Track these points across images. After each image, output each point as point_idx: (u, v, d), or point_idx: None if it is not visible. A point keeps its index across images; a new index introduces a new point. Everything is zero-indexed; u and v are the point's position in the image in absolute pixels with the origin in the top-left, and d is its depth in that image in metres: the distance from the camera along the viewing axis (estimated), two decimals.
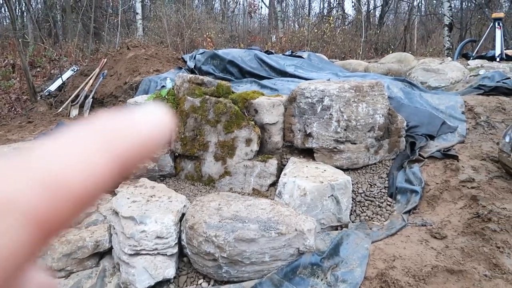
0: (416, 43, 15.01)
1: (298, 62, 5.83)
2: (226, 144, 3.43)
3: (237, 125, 3.40)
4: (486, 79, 5.19)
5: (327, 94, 3.17)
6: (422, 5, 18.01)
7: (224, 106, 3.44)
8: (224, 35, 14.68)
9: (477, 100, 4.48)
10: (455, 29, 11.96)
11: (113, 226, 2.42)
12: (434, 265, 2.08)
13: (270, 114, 3.43)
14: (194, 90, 3.67)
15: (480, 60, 6.63)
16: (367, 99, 3.25)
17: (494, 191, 2.77)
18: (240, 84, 5.13)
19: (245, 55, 5.70)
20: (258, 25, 22.42)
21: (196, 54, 6.12)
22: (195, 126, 3.51)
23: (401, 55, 8.28)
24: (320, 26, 13.50)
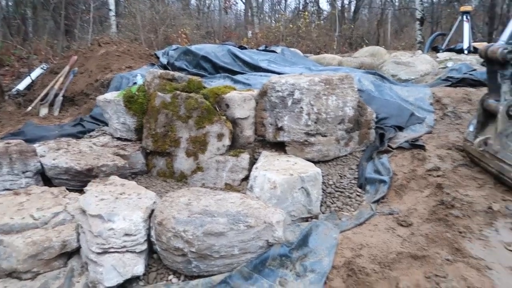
0: (390, 37, 15.27)
1: (272, 57, 5.85)
2: (198, 140, 3.42)
3: (208, 120, 3.39)
4: (454, 71, 5.34)
5: (298, 88, 3.20)
6: (396, 0, 18.32)
7: (196, 101, 3.42)
8: (199, 31, 14.56)
9: (445, 92, 4.60)
10: (427, 23, 12.22)
11: (81, 225, 2.38)
12: (399, 252, 2.13)
13: (242, 108, 3.44)
14: (165, 86, 3.63)
15: (449, 53, 6.81)
16: (337, 92, 3.29)
17: (458, 179, 2.86)
18: (213, 80, 5.11)
19: (219, 50, 5.68)
20: (234, 21, 22.34)
21: (169, 50, 6.05)
22: (166, 122, 3.47)
23: (374, 49, 8.41)
24: (296, 21, 13.56)
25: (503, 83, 2.65)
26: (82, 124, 4.54)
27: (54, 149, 3.38)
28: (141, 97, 3.65)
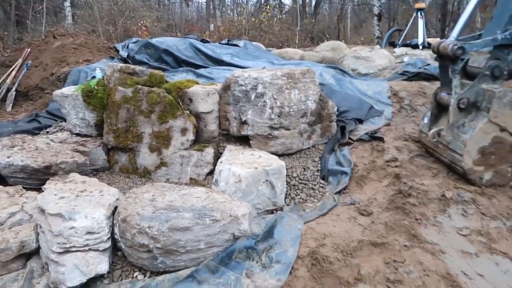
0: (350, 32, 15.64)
1: (234, 51, 5.84)
2: (161, 135, 3.37)
3: (171, 114, 3.35)
4: (410, 65, 5.57)
5: (261, 82, 3.22)
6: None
7: (158, 95, 3.36)
8: (160, 24, 14.26)
9: (402, 86, 4.79)
10: (384, 18, 12.61)
11: (40, 224, 2.29)
12: (360, 240, 2.22)
13: (205, 102, 3.42)
14: (126, 80, 3.54)
15: (405, 48, 7.08)
16: (299, 86, 3.35)
17: (415, 169, 3.00)
18: (175, 74, 5.04)
19: (181, 44, 5.60)
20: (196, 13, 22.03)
21: (129, 43, 5.90)
22: (127, 117, 3.40)
23: (335, 44, 8.60)
24: (258, 15, 13.58)
25: (453, 78, 2.80)
26: (38, 120, 4.35)
27: (8, 146, 3.22)
28: (101, 91, 3.54)
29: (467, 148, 2.70)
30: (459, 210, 2.51)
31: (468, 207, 2.53)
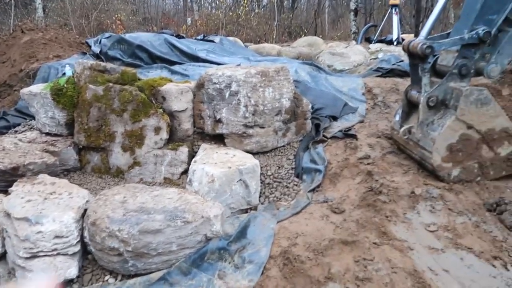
0: (327, 27, 15.73)
1: (210, 47, 5.79)
2: (134, 134, 3.32)
3: (144, 113, 3.30)
4: (384, 62, 5.64)
5: (235, 80, 3.20)
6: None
7: (130, 94, 3.30)
8: (136, 18, 13.99)
9: (376, 82, 4.85)
10: (361, 14, 12.73)
11: (6, 229, 2.23)
12: (331, 239, 2.25)
13: (179, 101, 3.38)
14: (97, 78, 3.46)
15: (380, 44, 7.16)
16: (273, 84, 3.35)
17: (386, 166, 3.06)
18: (150, 70, 4.95)
19: (155, 39, 5.50)
20: (173, 7, 21.68)
21: (101, 38, 5.76)
22: (99, 116, 3.32)
23: (312, 39, 8.62)
24: (236, 9, 13.48)
25: (423, 76, 2.86)
26: (5, 119, 4.20)
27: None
28: (71, 89, 3.45)
29: (436, 145, 2.77)
30: (428, 206, 2.57)
31: (436, 203, 2.59)
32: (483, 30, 2.72)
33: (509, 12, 2.73)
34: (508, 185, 2.88)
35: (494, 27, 2.75)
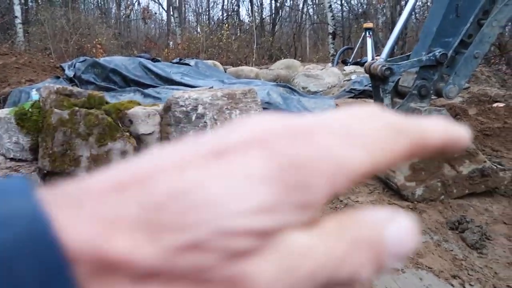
0: (309, 50, 16.06)
1: (185, 70, 5.84)
2: (100, 158, 3.27)
3: (111, 137, 3.27)
4: (357, 83, 5.76)
5: (201, 103, 3.21)
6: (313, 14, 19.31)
7: (96, 117, 3.28)
8: (118, 41, 14.07)
9: (347, 103, 4.93)
10: (338, 37, 13.06)
11: None
12: None
13: (146, 124, 3.37)
14: (63, 102, 3.44)
15: (354, 66, 7.32)
16: (240, 106, 3.37)
17: (353, 186, 3.06)
18: (123, 93, 4.95)
19: (130, 63, 5.53)
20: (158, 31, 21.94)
21: (76, 62, 5.75)
22: (64, 140, 3.28)
23: (289, 62, 8.79)
24: (217, 32, 13.70)
25: (384, 97, 2.91)
26: None
27: None
28: (36, 114, 3.41)
29: (399, 165, 2.79)
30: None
31: None
32: (440, 52, 2.80)
33: (464, 35, 2.82)
34: (471, 203, 2.91)
35: (450, 49, 2.84)
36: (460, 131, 0.22)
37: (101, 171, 0.18)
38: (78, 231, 0.15)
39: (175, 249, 0.15)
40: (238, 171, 0.17)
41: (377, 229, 0.18)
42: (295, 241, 0.17)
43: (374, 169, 0.19)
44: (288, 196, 0.17)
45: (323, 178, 0.17)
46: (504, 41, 8.20)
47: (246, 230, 0.16)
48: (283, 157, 0.17)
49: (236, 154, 0.17)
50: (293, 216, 0.17)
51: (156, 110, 3.43)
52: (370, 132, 0.19)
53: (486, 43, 2.78)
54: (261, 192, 0.16)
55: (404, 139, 0.19)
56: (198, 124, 3.24)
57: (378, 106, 0.21)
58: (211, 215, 0.16)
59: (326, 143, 0.18)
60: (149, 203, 0.16)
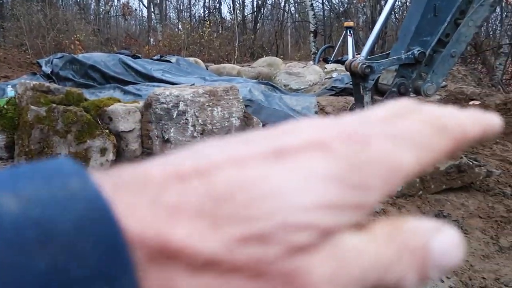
0: (291, 48, 16.13)
1: (166, 67, 5.77)
2: (79, 156, 3.21)
3: (90, 134, 3.21)
4: (338, 81, 5.81)
5: (182, 99, 3.19)
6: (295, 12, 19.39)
7: (74, 115, 3.21)
8: (97, 38, 13.81)
9: (328, 101, 4.98)
10: (320, 35, 13.16)
11: None
12: None
13: (126, 121, 3.32)
14: (40, 99, 3.36)
15: (335, 64, 7.39)
16: (222, 103, 3.36)
17: None
18: (102, 90, 4.87)
19: (109, 59, 5.43)
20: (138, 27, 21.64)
21: (53, 58, 5.62)
22: (41, 138, 3.20)
23: (271, 59, 8.80)
24: (198, 30, 13.60)
25: (365, 95, 2.95)
26: None
27: None
28: (11, 111, 3.32)
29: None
30: (371, 221, 2.61)
31: (378, 218, 2.63)
32: (418, 50, 2.86)
33: (441, 34, 2.88)
34: (449, 198, 2.98)
35: (428, 48, 2.89)
36: (493, 119, 0.23)
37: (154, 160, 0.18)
38: (139, 216, 0.15)
39: (237, 239, 0.15)
40: (301, 169, 0.17)
41: (424, 239, 0.18)
42: (349, 241, 0.17)
43: (420, 168, 0.19)
44: (349, 196, 0.17)
45: (381, 179, 0.18)
46: (479, 41, 8.42)
47: (309, 224, 0.16)
48: (344, 159, 0.17)
49: (297, 154, 0.17)
50: (352, 216, 0.17)
51: (136, 107, 3.39)
52: (415, 132, 0.19)
53: (462, 42, 2.84)
54: (325, 189, 0.17)
55: (447, 136, 0.20)
56: (179, 121, 3.22)
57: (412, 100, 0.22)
58: (275, 208, 0.16)
59: (380, 147, 0.18)
60: (212, 194, 0.16)
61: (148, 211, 0.15)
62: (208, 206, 0.16)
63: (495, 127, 0.22)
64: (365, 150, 0.18)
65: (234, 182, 0.16)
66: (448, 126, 0.20)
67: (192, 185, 0.16)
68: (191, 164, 0.17)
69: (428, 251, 0.18)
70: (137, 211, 0.15)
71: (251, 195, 0.16)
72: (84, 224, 0.14)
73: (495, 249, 2.40)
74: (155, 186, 0.16)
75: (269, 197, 0.16)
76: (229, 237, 0.15)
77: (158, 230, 0.15)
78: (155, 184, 0.16)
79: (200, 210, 0.15)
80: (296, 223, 0.16)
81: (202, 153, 0.18)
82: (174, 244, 0.15)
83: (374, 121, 0.20)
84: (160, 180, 0.16)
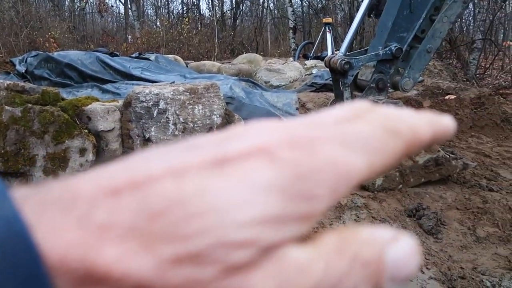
0: (270, 45, 16.13)
1: (145, 65, 5.70)
2: (57, 156, 3.15)
3: (68, 134, 3.15)
4: (318, 77, 5.86)
5: (162, 98, 3.16)
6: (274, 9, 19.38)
7: (51, 115, 3.14)
8: (72, 35, 13.49)
9: (309, 97, 5.02)
10: (299, 32, 13.22)
11: None
12: None
13: (105, 120, 3.27)
14: (14, 99, 3.26)
15: (315, 60, 7.44)
16: (203, 101, 3.34)
17: None
18: (80, 89, 4.77)
19: (86, 57, 5.32)
20: (115, 24, 21.25)
21: (27, 57, 5.47)
22: (17, 139, 3.12)
23: (251, 56, 8.79)
24: (177, 26, 13.45)
25: (344, 90, 2.99)
26: None
27: None
28: None
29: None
30: (353, 215, 2.65)
31: (360, 212, 2.68)
32: (395, 46, 2.91)
33: (417, 30, 2.94)
34: (427, 191, 3.06)
35: (405, 44, 2.95)
36: (446, 121, 0.22)
37: (88, 173, 0.16)
38: (63, 238, 0.14)
39: (170, 260, 0.14)
40: (242, 180, 0.16)
41: (378, 249, 0.17)
42: (294, 255, 0.16)
43: (371, 173, 0.18)
44: (294, 207, 0.16)
45: (328, 187, 0.17)
46: (454, 37, 8.62)
47: (248, 241, 0.15)
48: (287, 167, 0.16)
49: (239, 163, 0.16)
50: (297, 228, 0.16)
51: (115, 106, 3.34)
52: (365, 136, 0.18)
53: (437, 38, 2.91)
54: (267, 202, 0.16)
55: (399, 140, 0.19)
56: (160, 119, 3.18)
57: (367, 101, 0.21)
58: (212, 225, 0.15)
59: (328, 152, 0.17)
60: (145, 211, 0.15)
61: (74, 232, 0.14)
62: (141, 224, 0.14)
63: (448, 129, 0.22)
64: (312, 156, 0.17)
65: (171, 196, 0.15)
66: (401, 129, 0.19)
67: (125, 201, 0.15)
68: (126, 176, 0.16)
69: (382, 262, 0.17)
70: (61, 233, 0.14)
71: (187, 211, 0.15)
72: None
73: (472, 239, 2.48)
74: (84, 203, 0.15)
75: (205, 213, 0.15)
76: (162, 257, 0.14)
77: (83, 253, 0.14)
78: (85, 201, 0.15)
79: (132, 229, 0.14)
80: (233, 240, 0.15)
81: (140, 164, 0.16)
82: (101, 268, 0.14)
83: (326, 123, 0.19)
84: (91, 196, 0.15)
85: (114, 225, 0.14)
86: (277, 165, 0.16)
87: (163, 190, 0.15)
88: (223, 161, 0.16)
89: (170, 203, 0.15)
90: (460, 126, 4.35)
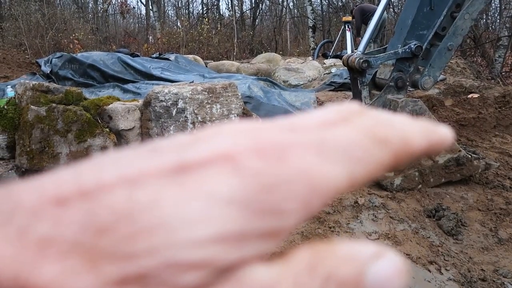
0: (290, 44, 16.09)
1: (165, 65, 5.78)
2: (80, 154, 3.23)
3: (90, 133, 3.23)
4: (337, 76, 5.81)
5: (181, 97, 3.20)
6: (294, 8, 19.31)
7: (74, 114, 3.23)
8: (96, 37, 13.79)
9: (328, 96, 4.99)
10: (319, 30, 13.14)
11: None
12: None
13: (126, 119, 3.34)
14: (39, 98, 3.38)
15: (334, 59, 7.38)
16: (221, 100, 3.37)
17: None
18: (102, 89, 4.88)
19: (108, 58, 5.44)
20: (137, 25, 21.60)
21: (52, 58, 5.64)
22: (42, 137, 3.22)
23: (270, 56, 8.80)
24: (197, 27, 13.58)
25: (363, 89, 2.96)
26: None
27: None
28: (11, 111, 3.34)
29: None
30: (370, 215, 2.63)
31: (378, 212, 2.66)
32: (415, 44, 2.86)
33: (437, 28, 2.89)
34: (448, 191, 3.00)
35: (425, 42, 2.91)
36: (442, 131, 0.20)
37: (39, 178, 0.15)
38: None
39: (115, 281, 0.13)
40: (200, 191, 0.14)
41: (357, 268, 0.16)
42: (257, 275, 0.15)
43: (352, 184, 0.17)
44: (257, 223, 0.14)
45: (297, 202, 0.15)
46: (478, 34, 8.40)
47: (201, 262, 0.14)
48: (252, 178, 0.15)
49: (200, 171, 0.15)
50: (259, 246, 0.15)
51: (136, 106, 3.41)
52: (347, 143, 0.16)
53: (459, 36, 2.85)
54: (226, 217, 0.14)
55: (386, 149, 0.17)
56: (178, 119, 3.23)
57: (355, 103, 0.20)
58: (161, 243, 0.13)
59: (300, 161, 0.15)
60: (91, 224, 0.13)
61: (11, 248, 0.13)
62: (85, 239, 0.13)
63: (445, 140, 0.20)
64: (281, 166, 0.15)
65: (120, 209, 0.14)
66: (390, 137, 0.18)
67: (71, 212, 0.13)
68: (75, 185, 0.14)
69: (361, 283, 0.15)
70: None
71: (136, 226, 0.13)
72: None
73: (494, 241, 2.42)
74: (26, 215, 0.13)
75: (156, 229, 0.13)
76: (106, 277, 0.13)
77: (17, 270, 0.12)
78: (27, 212, 0.13)
79: (75, 244, 0.13)
80: (183, 261, 0.13)
81: (92, 171, 0.15)
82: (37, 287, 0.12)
83: (306, 127, 0.17)
84: (34, 207, 0.14)
85: (56, 239, 0.13)
86: (240, 175, 0.15)
87: (112, 202, 0.14)
88: (183, 168, 0.15)
89: (118, 217, 0.13)
90: (484, 125, 4.24)
